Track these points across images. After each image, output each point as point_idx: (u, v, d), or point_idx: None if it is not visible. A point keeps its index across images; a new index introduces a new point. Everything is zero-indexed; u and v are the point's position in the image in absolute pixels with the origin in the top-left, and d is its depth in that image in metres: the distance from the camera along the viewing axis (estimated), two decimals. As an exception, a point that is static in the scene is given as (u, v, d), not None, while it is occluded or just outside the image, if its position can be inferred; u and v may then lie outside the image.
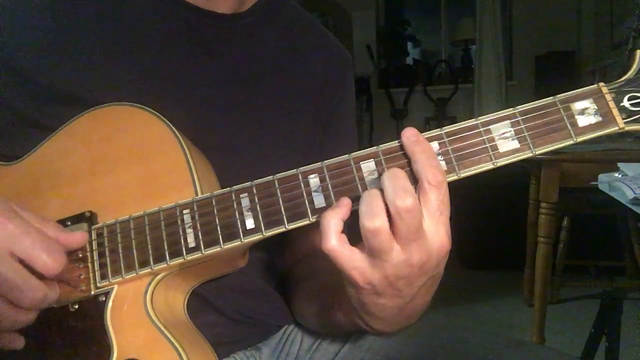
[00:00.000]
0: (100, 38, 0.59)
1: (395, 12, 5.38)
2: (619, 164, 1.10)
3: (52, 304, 0.48)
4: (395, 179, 0.42)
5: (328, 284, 0.59)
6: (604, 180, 1.06)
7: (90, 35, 0.59)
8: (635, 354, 1.80)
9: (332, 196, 0.46)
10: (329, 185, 0.46)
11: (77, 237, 0.50)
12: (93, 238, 0.51)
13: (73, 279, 0.51)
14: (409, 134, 0.45)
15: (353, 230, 0.44)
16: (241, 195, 0.48)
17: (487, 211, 2.84)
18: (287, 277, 0.72)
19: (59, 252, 0.46)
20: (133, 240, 0.50)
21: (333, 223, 0.43)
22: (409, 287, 0.45)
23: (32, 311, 0.47)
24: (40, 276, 0.45)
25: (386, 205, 0.41)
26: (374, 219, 0.41)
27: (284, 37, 0.71)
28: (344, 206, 0.44)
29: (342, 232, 0.43)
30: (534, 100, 0.46)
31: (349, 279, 0.44)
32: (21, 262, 0.44)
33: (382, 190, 0.42)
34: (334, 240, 0.42)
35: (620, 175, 1.05)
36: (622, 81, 0.46)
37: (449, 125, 0.46)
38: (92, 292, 0.50)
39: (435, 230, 0.42)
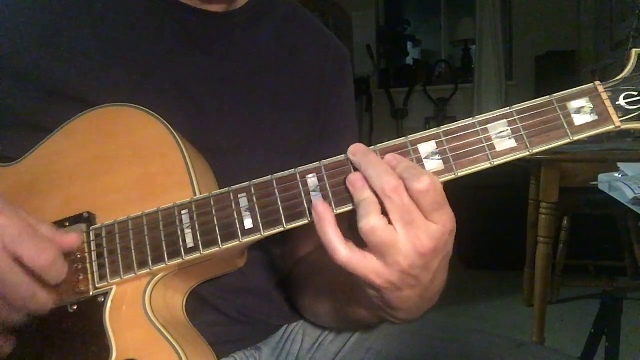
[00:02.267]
0: (95, 39, 0.59)
1: (395, 12, 5.38)
2: (619, 164, 1.10)
3: (44, 307, 0.48)
4: (376, 165, 0.43)
5: (338, 280, 0.58)
6: (604, 180, 1.06)
7: (85, 37, 0.59)
8: (635, 354, 1.79)
9: (330, 196, 0.46)
10: (327, 185, 0.46)
11: (72, 238, 0.49)
12: (91, 239, 0.51)
13: (72, 280, 0.50)
14: (354, 150, 0.46)
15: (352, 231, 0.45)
16: (239, 196, 0.48)
17: (487, 211, 2.84)
18: (290, 276, 0.72)
19: (47, 246, 0.46)
20: (131, 241, 0.50)
21: (333, 235, 0.43)
22: (426, 273, 0.45)
23: (22, 312, 0.47)
24: (32, 273, 0.45)
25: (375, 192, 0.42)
26: (369, 217, 0.41)
27: (279, 34, 0.70)
28: (327, 214, 0.44)
29: (346, 237, 0.43)
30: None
31: (369, 283, 0.44)
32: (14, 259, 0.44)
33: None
34: (343, 251, 0.42)
35: (620, 175, 1.05)
36: (618, 80, 0.46)
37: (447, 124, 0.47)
38: (91, 293, 0.50)
39: (439, 218, 0.43)
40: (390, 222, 0.42)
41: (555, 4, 4.50)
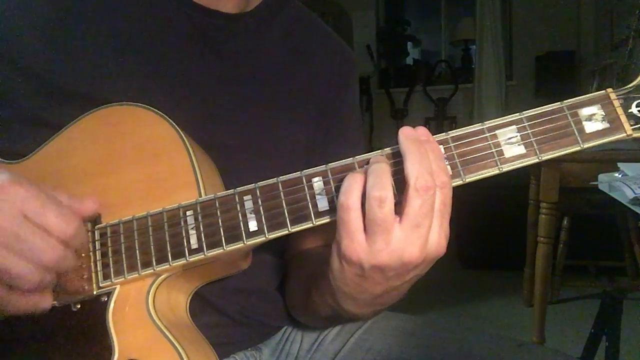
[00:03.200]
0: (106, 37, 0.59)
1: (395, 12, 5.38)
2: (619, 164, 1.10)
3: (70, 268, 0.48)
4: (423, 158, 0.42)
5: (315, 271, 0.59)
6: (604, 180, 1.06)
7: (96, 34, 0.59)
8: (635, 354, 1.80)
9: (336, 200, 0.45)
10: (333, 189, 0.46)
11: (88, 204, 0.50)
12: (96, 238, 0.51)
13: (75, 279, 0.51)
14: (421, 132, 0.45)
15: None
16: (245, 198, 0.48)
17: (487, 211, 2.84)
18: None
19: (70, 214, 0.46)
20: (136, 241, 0.50)
21: (357, 185, 0.43)
22: (395, 279, 0.45)
23: (53, 272, 0.47)
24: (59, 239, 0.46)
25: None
26: (382, 189, 0.41)
27: (289, 37, 0.71)
28: (362, 174, 0.43)
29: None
30: (534, 101, 0.46)
31: (344, 250, 0.43)
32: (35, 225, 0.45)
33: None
34: (355, 198, 0.42)
35: (620, 175, 1.06)
36: (630, 87, 0.45)
37: (449, 125, 0.47)
38: (94, 292, 0.50)
39: (437, 232, 0.43)
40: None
41: (555, 4, 4.50)
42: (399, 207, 0.42)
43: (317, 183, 0.47)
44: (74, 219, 0.47)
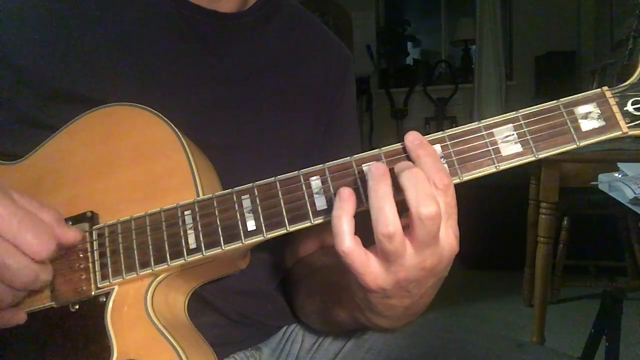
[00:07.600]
0: (102, 37, 0.59)
1: (395, 12, 5.39)
2: (619, 164, 1.10)
3: (46, 285, 0.48)
4: (419, 182, 0.41)
5: (329, 281, 0.59)
6: (604, 180, 1.07)
7: (92, 34, 0.59)
8: (635, 354, 1.80)
9: (334, 198, 0.45)
10: (331, 187, 0.46)
11: (72, 233, 0.49)
12: (94, 238, 0.51)
13: (74, 279, 0.51)
14: (412, 138, 0.45)
15: (362, 232, 0.44)
16: (242, 197, 0.48)
17: (487, 211, 2.84)
18: (288, 275, 0.72)
19: (46, 235, 0.45)
20: (134, 241, 0.50)
21: (345, 223, 0.41)
22: (418, 288, 0.45)
23: (25, 292, 0.47)
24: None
25: (403, 206, 0.41)
26: (388, 226, 0.40)
27: (285, 36, 0.71)
28: (349, 199, 0.42)
29: (355, 233, 0.42)
30: (533, 101, 0.46)
31: (361, 282, 0.43)
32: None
33: (394, 189, 0.42)
34: (348, 242, 0.41)
35: (620, 175, 1.06)
36: (626, 85, 0.46)
37: (449, 125, 0.46)
38: (93, 293, 0.50)
39: (446, 234, 0.43)
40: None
41: (555, 4, 4.51)
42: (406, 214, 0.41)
43: (315, 182, 0.47)
44: (50, 241, 0.45)
